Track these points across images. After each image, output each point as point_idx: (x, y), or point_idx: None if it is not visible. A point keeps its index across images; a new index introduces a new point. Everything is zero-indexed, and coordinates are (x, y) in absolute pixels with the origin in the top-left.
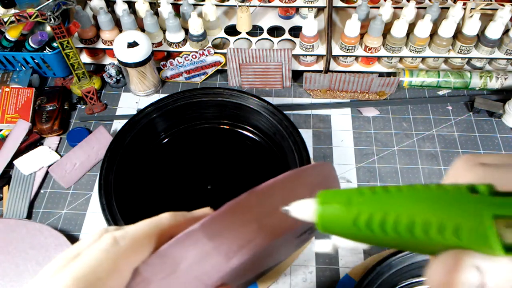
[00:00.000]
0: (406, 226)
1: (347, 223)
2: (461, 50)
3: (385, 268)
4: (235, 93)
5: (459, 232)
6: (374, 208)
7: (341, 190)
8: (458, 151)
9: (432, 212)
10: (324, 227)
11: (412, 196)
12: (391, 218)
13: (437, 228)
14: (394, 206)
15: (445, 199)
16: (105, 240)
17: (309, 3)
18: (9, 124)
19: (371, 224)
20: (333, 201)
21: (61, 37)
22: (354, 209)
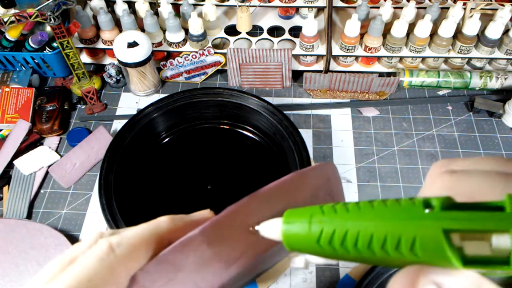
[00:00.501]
0: (364, 243)
1: (310, 242)
2: (461, 50)
3: (385, 268)
4: (235, 93)
5: (414, 248)
6: (335, 226)
7: (305, 209)
8: (458, 151)
9: (387, 229)
10: (290, 245)
11: (369, 214)
12: (351, 236)
13: (393, 245)
14: (353, 224)
15: (399, 216)
16: (100, 247)
17: (309, 3)
18: (9, 124)
19: (332, 242)
20: (296, 220)
21: (61, 37)
22: (316, 228)
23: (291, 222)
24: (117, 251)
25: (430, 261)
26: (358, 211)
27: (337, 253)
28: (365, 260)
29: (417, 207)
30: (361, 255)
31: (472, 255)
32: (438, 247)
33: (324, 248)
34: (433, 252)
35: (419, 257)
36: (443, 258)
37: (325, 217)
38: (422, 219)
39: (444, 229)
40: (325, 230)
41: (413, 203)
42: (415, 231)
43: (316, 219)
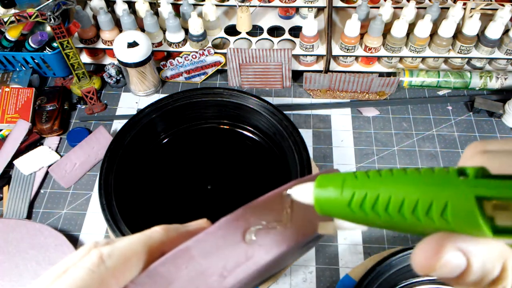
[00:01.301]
0: (395, 207)
1: (342, 205)
2: (461, 50)
3: (385, 268)
4: (235, 93)
5: (445, 213)
6: (366, 190)
7: (337, 174)
8: (458, 151)
9: (419, 194)
10: (321, 209)
11: (402, 179)
12: (382, 200)
13: (424, 209)
14: (385, 188)
15: (433, 182)
16: (91, 258)
17: (309, 3)
18: (9, 124)
19: (363, 206)
20: (329, 184)
21: (61, 37)
22: (348, 192)
23: (324, 186)
24: (108, 263)
25: (460, 229)
26: (391, 176)
27: (368, 217)
28: (395, 225)
29: (451, 175)
30: (392, 220)
31: (503, 226)
32: (470, 214)
33: (355, 212)
34: (464, 219)
35: (449, 223)
36: (474, 225)
37: (358, 182)
38: (455, 186)
39: (477, 196)
40: (357, 194)
41: (447, 171)
42: (447, 196)
43: (349, 183)
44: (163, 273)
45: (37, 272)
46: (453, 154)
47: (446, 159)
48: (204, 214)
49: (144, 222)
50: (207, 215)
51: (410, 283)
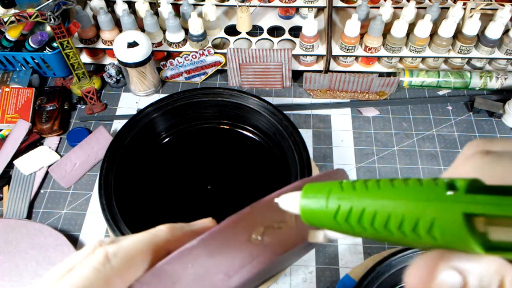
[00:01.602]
0: (381, 222)
1: (327, 217)
2: (461, 50)
3: (385, 268)
4: (235, 93)
5: (432, 231)
6: (352, 203)
7: (324, 184)
8: (458, 151)
9: (405, 210)
10: (307, 219)
11: (388, 192)
12: (367, 214)
13: (410, 226)
14: (371, 202)
15: (420, 197)
16: (96, 257)
17: (309, 3)
18: (9, 124)
19: (349, 219)
20: (314, 195)
21: (61, 37)
22: (333, 204)
23: (309, 196)
24: (113, 262)
25: (450, 245)
26: (378, 189)
27: (354, 230)
28: (383, 238)
29: (439, 188)
30: (379, 234)
31: (498, 241)
32: (458, 232)
33: (341, 225)
34: (453, 236)
35: (437, 241)
36: (464, 243)
37: (343, 194)
38: (442, 201)
39: (465, 213)
40: (342, 207)
41: (435, 184)
42: (434, 213)
43: (334, 195)
44: (168, 271)
45: (37, 272)
46: (453, 154)
47: (446, 159)
48: (204, 214)
49: (144, 222)
50: (207, 215)
51: None
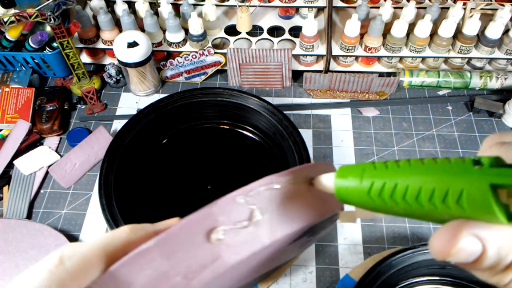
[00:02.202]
0: (413, 195)
1: (361, 194)
2: (461, 50)
3: (385, 268)
4: (235, 93)
5: (461, 201)
6: (385, 179)
7: (357, 165)
8: (458, 151)
9: (435, 182)
10: (342, 197)
11: (419, 169)
12: (400, 189)
13: (440, 197)
14: (402, 178)
15: (449, 171)
16: (51, 259)
17: (309, 3)
18: (9, 124)
19: (382, 194)
20: (349, 174)
21: (61, 37)
22: (367, 181)
23: (344, 176)
24: (67, 264)
25: (475, 215)
26: (409, 166)
27: (387, 205)
28: (413, 212)
29: (466, 164)
30: (410, 207)
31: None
32: (485, 201)
33: (374, 200)
34: (479, 206)
35: (465, 210)
36: (489, 212)
37: (376, 172)
38: (470, 174)
39: (491, 184)
40: (376, 183)
41: (463, 160)
42: (462, 184)
43: (368, 173)
44: (123, 273)
45: None
46: (453, 154)
47: None
48: None
49: (144, 222)
50: None
51: (410, 283)
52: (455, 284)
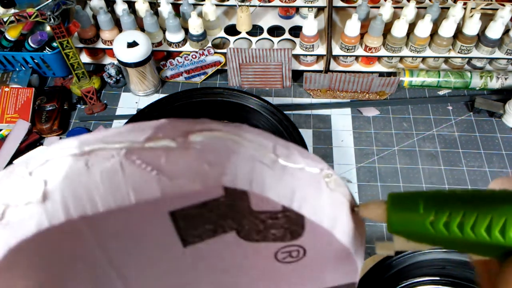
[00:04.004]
0: (482, 225)
1: (423, 225)
2: (462, 50)
3: (385, 269)
4: (235, 93)
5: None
6: (452, 210)
7: (410, 193)
8: (459, 151)
9: (507, 213)
10: (395, 228)
11: (482, 198)
12: (470, 220)
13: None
14: (469, 208)
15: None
16: None
17: (309, 3)
18: (8, 124)
19: (449, 226)
20: (406, 203)
21: (61, 37)
22: (431, 212)
23: (400, 204)
24: None
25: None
26: (471, 195)
27: (448, 236)
28: (472, 243)
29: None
30: (474, 238)
31: None
32: None
33: (438, 232)
34: None
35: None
36: None
37: (438, 200)
38: None
39: None
40: (441, 212)
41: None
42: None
43: (429, 202)
44: None
45: None
46: (454, 154)
47: (446, 159)
48: None
49: None
50: None
51: (410, 283)
52: (455, 285)
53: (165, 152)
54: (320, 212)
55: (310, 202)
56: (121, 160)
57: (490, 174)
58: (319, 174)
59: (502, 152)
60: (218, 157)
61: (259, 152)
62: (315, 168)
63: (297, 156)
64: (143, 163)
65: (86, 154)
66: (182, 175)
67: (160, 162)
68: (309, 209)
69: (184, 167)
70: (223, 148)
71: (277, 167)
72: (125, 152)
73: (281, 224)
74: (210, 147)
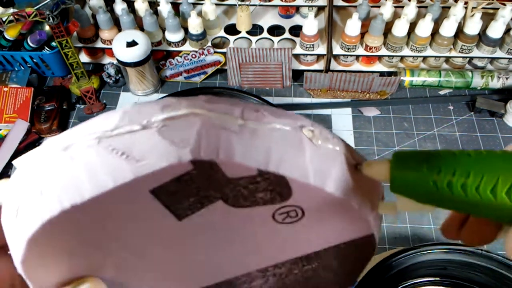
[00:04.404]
0: (488, 186)
1: (426, 184)
2: (463, 49)
3: (385, 269)
4: (235, 92)
5: None
6: (455, 168)
7: (415, 152)
8: None
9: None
10: (399, 188)
11: (492, 159)
12: (475, 179)
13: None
14: (476, 168)
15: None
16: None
17: (309, 2)
18: (7, 124)
19: (452, 185)
20: (410, 161)
21: (60, 37)
22: (434, 169)
23: (404, 162)
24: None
25: None
26: (480, 156)
27: (452, 196)
28: (477, 205)
29: None
30: (479, 199)
31: None
32: None
33: (441, 191)
34: None
35: None
36: None
37: (444, 159)
38: None
39: None
40: (445, 171)
41: None
42: None
43: (434, 162)
44: None
45: None
46: None
47: None
48: None
49: None
50: None
51: (411, 284)
52: (456, 285)
53: (131, 136)
54: (304, 169)
55: (290, 161)
56: (96, 149)
57: None
58: (298, 131)
59: None
60: (181, 132)
61: (224, 119)
62: (293, 125)
63: (269, 117)
64: (114, 149)
65: (69, 147)
66: (148, 155)
67: (127, 146)
68: (289, 168)
69: (149, 147)
70: (185, 123)
71: (246, 131)
72: (98, 141)
73: (264, 187)
74: (172, 123)
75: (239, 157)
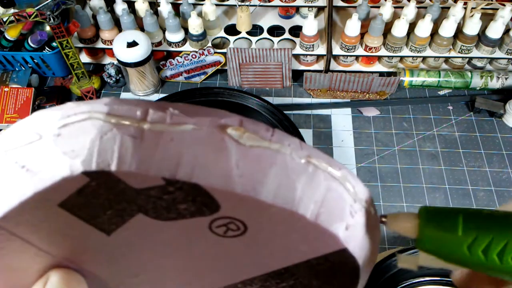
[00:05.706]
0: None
1: (458, 248)
2: (462, 49)
3: (385, 269)
4: (235, 93)
5: None
6: (492, 234)
7: (447, 209)
8: (459, 151)
9: None
10: (426, 246)
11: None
12: (510, 247)
13: None
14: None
15: None
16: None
17: (309, 3)
18: (8, 124)
19: (487, 252)
20: (443, 221)
21: (61, 37)
22: (471, 234)
23: (435, 221)
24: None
25: None
26: (510, 216)
27: (488, 262)
28: (505, 274)
29: None
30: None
31: None
32: None
33: (474, 256)
34: None
35: None
36: None
37: (479, 223)
38: None
39: None
40: (482, 237)
41: None
42: None
43: (469, 224)
44: None
45: None
46: (454, 154)
47: (446, 159)
48: None
49: None
50: None
51: (410, 283)
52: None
53: (30, 146)
54: (227, 176)
55: (206, 167)
56: (7, 164)
57: (490, 174)
58: (219, 131)
59: (502, 152)
60: (73, 141)
61: (121, 124)
62: (212, 125)
63: (179, 117)
64: (18, 163)
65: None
66: (43, 168)
67: (27, 158)
68: (205, 176)
69: (45, 159)
70: (80, 130)
71: (148, 136)
72: (9, 155)
73: (182, 198)
74: (67, 131)
75: (136, 165)
